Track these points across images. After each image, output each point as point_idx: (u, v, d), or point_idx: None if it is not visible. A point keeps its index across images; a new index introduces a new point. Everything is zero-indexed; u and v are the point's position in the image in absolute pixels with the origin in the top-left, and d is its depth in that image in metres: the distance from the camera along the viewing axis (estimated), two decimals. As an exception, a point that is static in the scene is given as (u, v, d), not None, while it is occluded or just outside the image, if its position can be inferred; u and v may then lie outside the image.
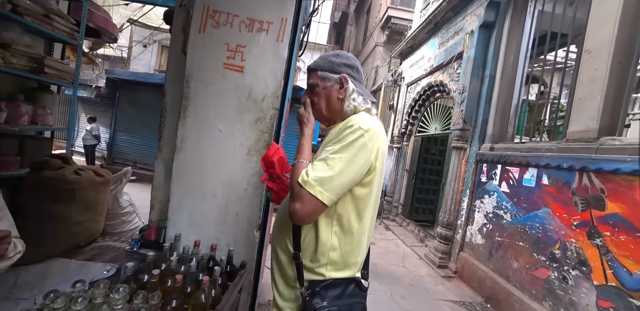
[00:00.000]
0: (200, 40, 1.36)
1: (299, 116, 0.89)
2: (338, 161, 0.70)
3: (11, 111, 1.86)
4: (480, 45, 3.52)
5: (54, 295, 0.65)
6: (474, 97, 3.57)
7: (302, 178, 0.69)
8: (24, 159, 1.97)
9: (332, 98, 0.86)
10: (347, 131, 0.74)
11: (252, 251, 1.37)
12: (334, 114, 0.88)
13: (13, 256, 0.83)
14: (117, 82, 6.71)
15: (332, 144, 0.74)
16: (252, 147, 1.36)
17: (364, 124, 0.74)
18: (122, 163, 6.44)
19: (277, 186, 0.97)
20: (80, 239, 1.85)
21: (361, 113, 0.86)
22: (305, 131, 0.86)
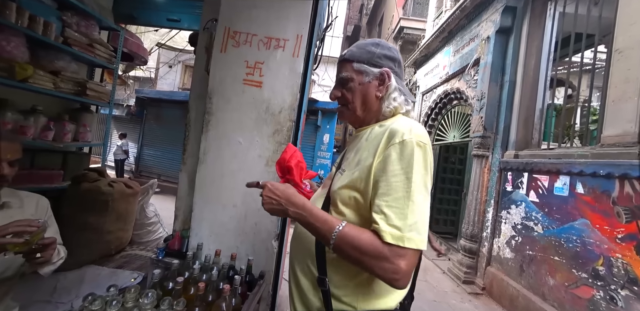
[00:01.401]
0: (222, 59, 1.46)
1: (267, 204, 0.67)
2: (416, 193, 0.56)
3: (58, 130, 2.07)
4: (497, 51, 3.47)
5: (91, 298, 0.69)
6: (493, 104, 3.47)
7: (393, 236, 0.53)
8: (66, 173, 2.16)
9: (369, 96, 0.71)
10: (401, 148, 0.58)
11: (271, 262, 1.37)
12: (368, 115, 0.74)
13: (57, 262, 0.90)
14: (145, 101, 7.25)
15: (389, 166, 0.58)
16: (270, 159, 1.41)
17: (418, 137, 0.60)
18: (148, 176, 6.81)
19: None
20: (112, 247, 1.95)
21: (400, 117, 0.72)
22: (295, 203, 0.64)
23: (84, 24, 2.23)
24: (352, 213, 0.65)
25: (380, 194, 0.58)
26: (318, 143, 5.97)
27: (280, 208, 0.65)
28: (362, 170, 0.63)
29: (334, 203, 0.68)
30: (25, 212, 0.94)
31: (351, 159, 0.70)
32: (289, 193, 0.66)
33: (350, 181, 0.64)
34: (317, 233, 0.62)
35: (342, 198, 0.66)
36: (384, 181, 0.58)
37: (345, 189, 0.65)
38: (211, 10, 1.71)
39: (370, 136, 0.70)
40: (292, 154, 0.86)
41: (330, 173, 0.83)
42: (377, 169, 0.60)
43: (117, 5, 2.81)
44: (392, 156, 0.59)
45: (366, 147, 0.67)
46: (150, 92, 7.45)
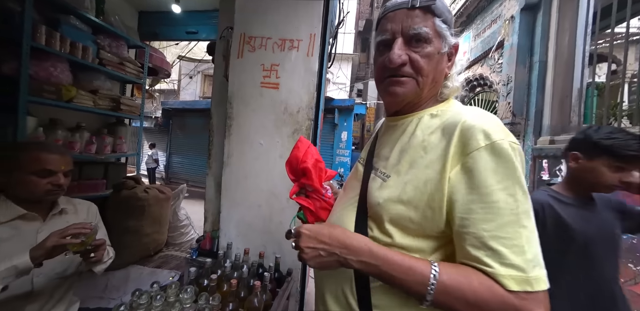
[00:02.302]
0: (239, 65, 1.51)
1: (312, 259, 0.49)
2: (525, 215, 0.42)
3: (99, 143, 2.27)
4: (523, 31, 3.22)
5: (139, 293, 0.75)
6: (522, 87, 3.23)
7: (516, 280, 0.39)
8: (108, 182, 2.35)
9: (440, 71, 0.54)
10: (493, 154, 0.43)
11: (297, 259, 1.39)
12: (426, 97, 0.56)
13: (107, 261, 0.99)
14: (170, 112, 7.71)
15: (480, 180, 0.43)
16: (291, 158, 1.43)
17: (508, 136, 0.45)
18: (177, 182, 7.22)
19: (314, 203, 0.66)
20: (150, 249, 2.10)
21: (455, 103, 0.57)
22: (358, 249, 0.46)
23: (115, 45, 2.42)
24: (403, 236, 0.48)
25: (474, 220, 0.42)
26: (336, 141, 5.95)
27: (336, 259, 0.47)
28: (422, 181, 0.47)
29: (377, 219, 0.51)
30: (79, 217, 1.04)
31: (393, 159, 0.54)
32: (339, 234, 0.48)
33: (404, 194, 0.48)
34: (400, 286, 0.44)
35: (391, 215, 0.49)
36: (477, 203, 0.42)
37: (397, 204, 0.48)
38: (227, 19, 1.77)
39: (421, 129, 0.53)
40: (306, 150, 0.67)
41: (356, 172, 0.66)
42: (456, 184, 0.44)
43: (141, 24, 3.03)
44: (480, 165, 0.43)
45: (419, 147, 0.50)
46: (174, 103, 7.90)
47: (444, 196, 0.45)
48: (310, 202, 0.66)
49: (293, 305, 1.34)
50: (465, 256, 0.44)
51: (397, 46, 0.51)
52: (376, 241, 0.49)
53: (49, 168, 0.90)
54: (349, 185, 0.67)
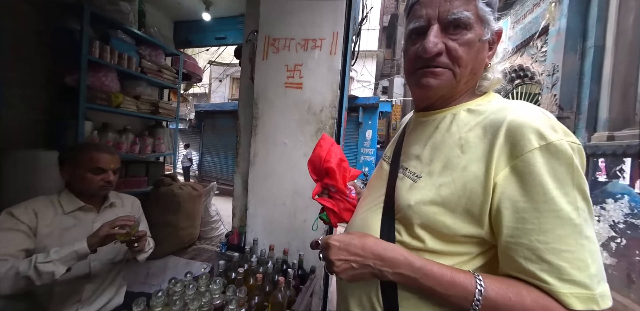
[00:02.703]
0: (264, 66, 1.56)
1: (343, 272, 0.45)
2: (587, 224, 0.38)
3: (141, 144, 2.50)
4: (574, 13, 2.88)
5: (174, 281, 0.82)
6: (571, 77, 2.89)
7: (580, 298, 0.36)
8: (149, 179, 2.59)
9: (480, 61, 0.48)
10: (549, 157, 0.38)
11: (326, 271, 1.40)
12: (463, 90, 0.50)
13: (148, 251, 1.09)
14: (202, 114, 8.21)
15: (535, 186, 0.38)
16: (314, 156, 1.44)
17: (568, 136, 0.40)
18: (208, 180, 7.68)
19: (337, 203, 0.63)
20: (185, 242, 2.27)
21: (497, 97, 0.51)
22: (394, 260, 0.43)
23: (154, 54, 2.65)
24: (435, 241, 0.45)
25: (528, 231, 0.38)
26: (361, 140, 5.86)
27: (370, 271, 0.44)
28: (459, 184, 0.43)
29: (406, 223, 0.47)
30: (125, 210, 1.16)
31: (425, 158, 0.49)
32: (373, 245, 0.44)
33: (439, 197, 0.44)
34: (441, 300, 0.42)
35: (424, 219, 0.45)
36: (531, 212, 0.38)
37: (430, 207, 0.44)
38: (252, 23, 1.84)
39: (457, 126, 0.47)
40: (330, 149, 0.64)
41: (381, 171, 0.62)
42: (504, 190, 0.40)
43: (176, 33, 3.27)
44: (534, 170, 0.38)
45: (455, 145, 0.45)
46: (205, 106, 8.41)
47: (487, 203, 0.41)
48: (334, 203, 0.64)
49: (316, 303, 1.36)
50: (515, 268, 0.40)
51: (433, 33, 0.45)
52: (405, 246, 0.47)
53: (101, 166, 1.02)
54: (372, 184, 0.63)
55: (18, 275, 0.77)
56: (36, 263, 0.79)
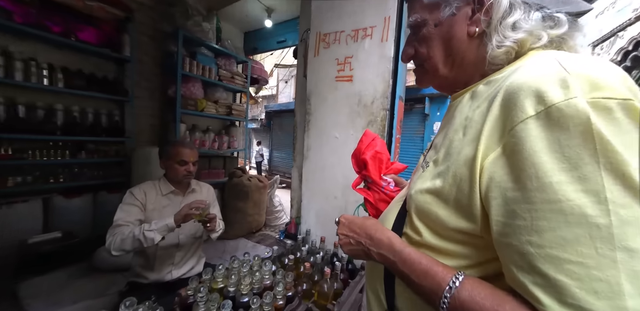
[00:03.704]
0: (316, 62, 1.59)
1: (344, 245, 0.50)
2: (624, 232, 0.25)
3: (220, 141, 2.96)
4: None
5: (233, 259, 0.95)
6: None
7: None
8: (225, 171, 3.04)
9: (455, 39, 0.43)
10: (550, 124, 0.28)
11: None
12: (461, 71, 0.45)
13: (218, 231, 1.29)
14: (271, 113, 9.03)
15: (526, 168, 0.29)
16: (365, 150, 1.40)
17: (598, 89, 0.27)
18: (277, 174, 8.44)
19: (373, 195, 0.67)
20: (252, 227, 2.57)
21: (538, 54, 0.37)
22: (379, 241, 0.45)
23: (228, 63, 3.06)
24: (432, 235, 0.41)
25: (517, 228, 0.29)
26: (427, 134, 5.30)
27: (362, 248, 0.46)
28: (451, 172, 0.37)
29: (410, 214, 0.45)
30: (202, 195, 1.40)
31: (437, 145, 0.46)
32: (369, 226, 0.47)
33: (433, 186, 0.40)
34: (416, 290, 0.39)
35: (418, 208, 0.42)
36: (520, 203, 0.29)
37: (424, 196, 0.41)
38: (305, 22, 1.90)
39: (469, 105, 0.41)
40: (370, 143, 0.68)
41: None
42: (493, 176, 0.32)
43: (245, 42, 3.68)
44: (526, 145, 0.29)
45: (460, 127, 0.40)
46: (273, 106, 9.21)
47: (474, 192, 0.34)
48: (370, 193, 0.67)
49: (366, 299, 1.33)
50: (509, 278, 0.31)
51: (405, 44, 0.51)
52: (408, 238, 0.45)
53: (184, 159, 1.25)
54: (411, 181, 0.62)
55: (134, 237, 1.03)
56: (143, 230, 1.04)
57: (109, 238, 1.05)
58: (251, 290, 0.84)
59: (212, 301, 0.75)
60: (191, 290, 0.84)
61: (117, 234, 1.05)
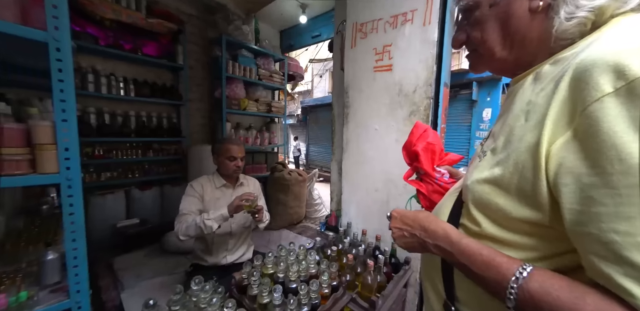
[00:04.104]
0: (353, 54, 1.56)
1: (398, 238, 0.51)
2: None
3: (261, 138, 3.13)
4: None
5: (280, 247, 1.01)
6: None
7: None
8: (267, 166, 3.22)
9: (514, 17, 0.39)
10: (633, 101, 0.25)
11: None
12: (523, 52, 0.41)
13: (265, 221, 1.38)
14: (307, 109, 9.16)
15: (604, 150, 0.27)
16: (407, 142, 1.34)
17: None
18: (314, 167, 8.62)
19: (426, 186, 0.66)
20: (294, 219, 2.69)
21: (623, 19, 0.33)
22: (434, 232, 0.44)
23: (266, 62, 3.19)
24: (493, 225, 0.39)
25: (598, 216, 0.27)
26: (475, 121, 4.79)
27: (417, 240, 0.47)
28: (512, 159, 0.35)
29: (466, 204, 0.44)
30: (249, 188, 1.51)
31: (497, 133, 0.43)
32: (422, 218, 0.47)
33: (492, 174, 0.38)
34: (478, 281, 0.38)
35: (475, 198, 0.41)
36: (600, 188, 0.27)
37: (483, 185, 0.39)
38: (341, 14, 1.86)
39: (531, 88, 0.38)
40: (421, 134, 0.68)
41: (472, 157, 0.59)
42: (563, 161, 0.30)
43: (281, 40, 3.78)
44: (604, 126, 0.26)
45: (521, 112, 0.37)
46: (309, 101, 9.33)
47: (539, 179, 0.32)
48: (423, 185, 0.67)
49: (412, 296, 1.30)
50: (589, 270, 0.29)
51: (456, 30, 0.49)
52: (466, 229, 0.44)
53: (233, 155, 1.36)
54: (468, 172, 0.59)
55: (196, 225, 1.17)
56: (203, 219, 1.17)
57: (177, 225, 1.21)
58: (298, 277, 0.89)
59: (264, 285, 0.82)
60: (245, 273, 0.93)
61: (182, 222, 1.20)
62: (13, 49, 0.81)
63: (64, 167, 0.73)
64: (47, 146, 0.71)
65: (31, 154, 0.71)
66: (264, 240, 2.21)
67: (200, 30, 2.84)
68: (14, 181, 0.69)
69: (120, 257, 1.91)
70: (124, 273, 1.71)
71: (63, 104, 0.70)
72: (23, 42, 0.68)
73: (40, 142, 0.71)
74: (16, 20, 0.68)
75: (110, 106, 2.28)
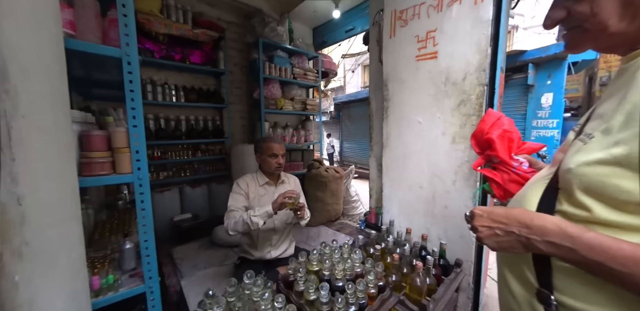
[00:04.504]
0: (392, 44, 1.48)
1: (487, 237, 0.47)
2: None
3: (297, 135, 3.19)
4: None
5: (324, 244, 1.01)
6: None
7: None
8: (304, 163, 3.27)
9: None
10: None
11: (468, 251, 1.20)
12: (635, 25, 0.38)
13: (306, 218, 1.40)
14: (340, 105, 9.08)
15: None
16: (457, 135, 1.22)
17: None
18: (348, 164, 8.53)
19: (501, 175, 0.64)
20: (331, 216, 2.69)
21: None
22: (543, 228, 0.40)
23: (300, 60, 3.22)
24: (607, 210, 0.37)
25: None
26: (531, 109, 4.16)
27: (516, 238, 0.42)
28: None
29: (568, 190, 0.42)
30: (290, 186, 1.55)
31: (609, 113, 0.40)
32: (519, 213, 0.43)
33: (612, 156, 0.36)
34: (618, 280, 0.34)
35: (587, 183, 0.38)
36: None
37: (597, 167, 0.37)
38: (377, 4, 1.78)
39: None
40: (494, 122, 0.67)
41: (565, 143, 0.53)
42: None
43: (314, 37, 3.77)
44: None
45: None
46: (342, 97, 9.23)
47: None
48: (497, 174, 0.65)
49: (464, 302, 1.19)
50: None
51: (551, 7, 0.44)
52: (567, 216, 0.41)
53: (275, 153, 1.40)
54: (554, 160, 0.55)
55: (243, 221, 1.23)
56: (250, 216, 1.23)
57: (226, 220, 1.29)
58: (344, 276, 0.88)
59: (310, 282, 0.82)
60: (291, 269, 0.95)
61: (231, 218, 1.28)
62: (93, 66, 0.93)
63: (135, 168, 0.82)
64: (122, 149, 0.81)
65: (111, 157, 0.82)
66: (303, 236, 2.26)
67: (239, 35, 2.98)
68: (100, 180, 0.81)
69: (177, 248, 2.13)
70: (182, 262, 1.90)
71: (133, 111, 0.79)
72: (102, 59, 0.78)
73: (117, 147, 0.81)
74: (97, 41, 0.79)
75: (164, 112, 2.53)
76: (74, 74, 1.10)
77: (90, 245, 1.09)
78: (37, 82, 0.52)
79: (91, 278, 0.81)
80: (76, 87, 1.40)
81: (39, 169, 0.51)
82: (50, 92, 0.56)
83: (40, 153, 0.52)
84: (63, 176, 0.59)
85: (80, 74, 1.03)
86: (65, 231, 0.58)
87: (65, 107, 0.63)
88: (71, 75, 0.66)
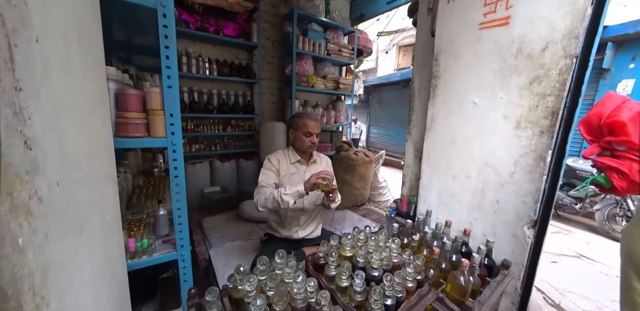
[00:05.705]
0: (449, 10, 1.25)
1: None
2: None
3: (327, 116, 3.06)
4: None
5: (358, 230, 0.94)
6: None
7: None
8: (332, 144, 3.18)
9: None
10: None
11: (520, 253, 1.06)
12: None
13: (337, 201, 1.34)
14: (369, 88, 8.63)
15: None
16: (525, 119, 1.03)
17: None
18: (375, 150, 8.28)
19: (629, 164, 0.57)
20: (358, 200, 2.62)
21: None
22: None
23: (335, 36, 2.99)
24: None
25: None
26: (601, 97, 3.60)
27: None
28: None
29: None
30: (322, 166, 1.48)
31: None
32: None
33: None
34: None
35: None
36: None
37: None
38: (433, -40, 1.51)
39: None
40: (619, 106, 0.60)
41: None
42: None
43: (351, 11, 3.46)
44: None
45: None
46: (372, 80, 8.74)
47: None
48: (621, 162, 0.59)
49: (508, 306, 1.09)
50: None
51: None
52: None
53: (310, 131, 1.32)
54: None
55: (274, 198, 1.20)
56: (281, 194, 1.19)
57: (256, 196, 1.27)
58: (380, 266, 0.81)
59: (343, 268, 0.77)
60: (322, 252, 0.90)
61: (261, 193, 1.25)
62: (130, 22, 0.88)
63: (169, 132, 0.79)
64: (157, 112, 0.78)
65: (146, 119, 0.79)
66: (327, 219, 2.24)
67: (273, 7, 2.82)
68: (136, 142, 0.79)
69: (207, 218, 2.24)
70: (210, 232, 1.99)
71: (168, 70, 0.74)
72: (137, 10, 0.72)
73: (152, 108, 0.78)
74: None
75: (198, 85, 2.54)
76: (115, 38, 1.08)
77: (128, 208, 1.14)
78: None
79: (127, 240, 0.83)
80: (116, 52, 1.41)
81: (59, 112, 0.42)
82: (74, 26, 0.48)
83: (60, 92, 0.44)
84: (94, 129, 0.56)
85: (121, 37, 0.99)
86: (97, 191, 0.55)
87: (98, 52, 0.57)
88: (112, 38, 0.61)
